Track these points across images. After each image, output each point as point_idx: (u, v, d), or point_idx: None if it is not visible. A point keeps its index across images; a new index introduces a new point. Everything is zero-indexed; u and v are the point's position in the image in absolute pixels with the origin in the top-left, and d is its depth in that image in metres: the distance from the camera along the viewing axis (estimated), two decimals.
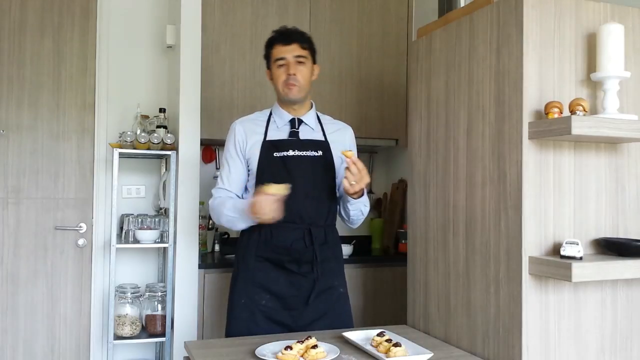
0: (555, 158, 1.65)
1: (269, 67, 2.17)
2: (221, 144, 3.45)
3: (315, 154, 2.10)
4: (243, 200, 2.09)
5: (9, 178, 3.18)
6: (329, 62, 3.42)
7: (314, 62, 2.17)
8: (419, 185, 2.14)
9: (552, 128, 1.52)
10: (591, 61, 1.69)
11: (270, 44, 2.15)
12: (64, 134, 3.28)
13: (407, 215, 2.29)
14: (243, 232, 2.16)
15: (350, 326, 2.14)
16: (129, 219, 3.10)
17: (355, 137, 2.27)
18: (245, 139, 2.13)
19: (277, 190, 1.89)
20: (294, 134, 2.12)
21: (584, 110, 1.56)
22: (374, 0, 3.54)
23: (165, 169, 3.36)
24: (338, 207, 2.20)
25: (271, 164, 2.07)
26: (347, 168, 1.93)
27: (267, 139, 2.11)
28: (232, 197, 2.13)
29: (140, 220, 3.09)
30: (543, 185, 1.63)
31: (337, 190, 2.16)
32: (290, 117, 2.14)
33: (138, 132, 3.00)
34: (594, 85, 1.70)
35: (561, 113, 1.56)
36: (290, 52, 2.08)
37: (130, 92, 3.39)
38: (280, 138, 2.11)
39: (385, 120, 3.53)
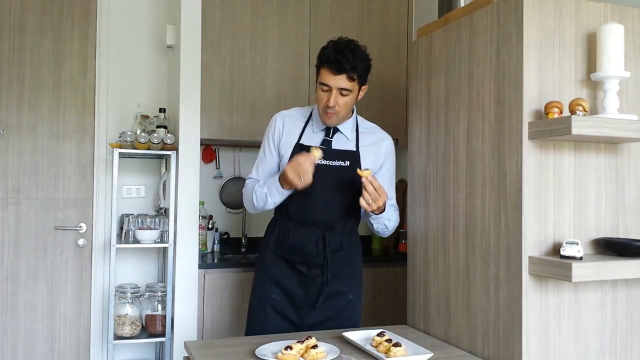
0: (555, 158, 1.65)
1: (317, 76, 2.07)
2: (221, 143, 3.48)
3: (343, 164, 2.09)
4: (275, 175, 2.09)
5: (9, 178, 3.18)
6: None
7: (364, 83, 2.07)
8: (419, 185, 2.14)
9: (552, 128, 1.52)
10: (591, 61, 1.69)
11: (321, 59, 2.02)
12: (64, 134, 3.28)
13: (407, 215, 2.29)
14: (268, 226, 2.22)
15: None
16: (129, 219, 3.10)
17: None
18: (282, 133, 2.14)
19: (318, 154, 1.94)
20: (326, 142, 2.11)
21: (584, 110, 1.56)
22: (374, 0, 3.54)
23: (165, 169, 3.36)
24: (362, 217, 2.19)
25: None
26: (364, 187, 1.91)
27: (300, 141, 2.11)
28: None
29: (140, 220, 3.09)
30: (543, 185, 1.62)
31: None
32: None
33: (138, 132, 3.00)
34: (594, 85, 1.70)
35: (561, 113, 1.56)
36: (336, 82, 1.98)
37: (130, 92, 3.39)
38: (312, 144, 2.09)
39: (385, 120, 3.51)
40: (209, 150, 3.53)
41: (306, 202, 2.07)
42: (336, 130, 2.13)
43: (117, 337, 2.98)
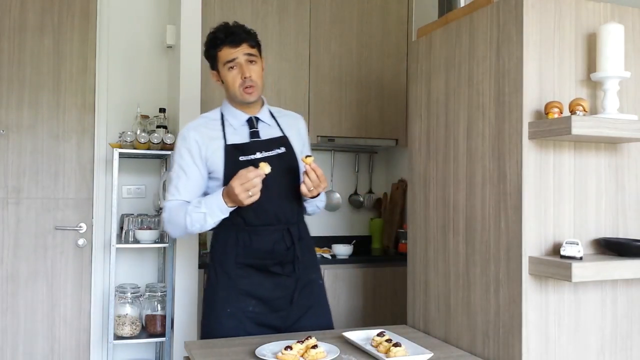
0: (555, 158, 1.65)
1: (214, 68, 2.07)
2: None
3: (279, 151, 2.07)
4: (212, 193, 1.98)
5: (9, 178, 3.18)
6: (329, 62, 3.42)
7: (261, 55, 2.08)
8: (419, 185, 2.14)
9: (552, 128, 1.52)
10: (591, 61, 1.69)
11: (214, 45, 2.02)
12: (64, 134, 3.28)
13: (407, 215, 2.29)
14: (217, 238, 2.08)
15: (330, 316, 2.15)
16: (129, 219, 3.10)
17: (355, 137, 2.27)
18: (203, 145, 2.02)
19: (267, 169, 1.85)
20: (255, 134, 2.07)
21: (584, 110, 1.56)
22: (374, 0, 3.54)
23: (165, 169, 3.37)
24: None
25: (239, 169, 1.89)
26: (306, 173, 1.91)
27: (228, 142, 2.03)
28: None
29: (140, 220, 3.09)
30: (543, 185, 1.62)
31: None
32: (247, 116, 2.08)
33: (138, 132, 3.00)
34: (594, 85, 1.70)
35: (561, 113, 1.56)
36: (240, 52, 1.99)
37: (130, 92, 3.39)
38: (241, 140, 2.04)
39: (385, 120, 3.53)
40: None
41: (263, 200, 1.93)
42: (257, 119, 2.10)
43: (117, 337, 2.98)
